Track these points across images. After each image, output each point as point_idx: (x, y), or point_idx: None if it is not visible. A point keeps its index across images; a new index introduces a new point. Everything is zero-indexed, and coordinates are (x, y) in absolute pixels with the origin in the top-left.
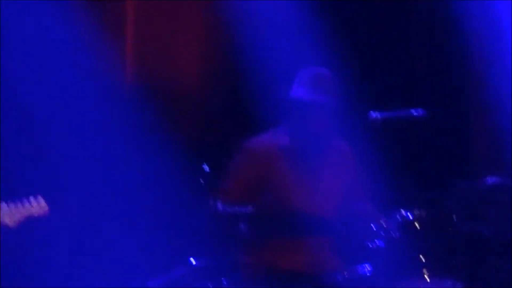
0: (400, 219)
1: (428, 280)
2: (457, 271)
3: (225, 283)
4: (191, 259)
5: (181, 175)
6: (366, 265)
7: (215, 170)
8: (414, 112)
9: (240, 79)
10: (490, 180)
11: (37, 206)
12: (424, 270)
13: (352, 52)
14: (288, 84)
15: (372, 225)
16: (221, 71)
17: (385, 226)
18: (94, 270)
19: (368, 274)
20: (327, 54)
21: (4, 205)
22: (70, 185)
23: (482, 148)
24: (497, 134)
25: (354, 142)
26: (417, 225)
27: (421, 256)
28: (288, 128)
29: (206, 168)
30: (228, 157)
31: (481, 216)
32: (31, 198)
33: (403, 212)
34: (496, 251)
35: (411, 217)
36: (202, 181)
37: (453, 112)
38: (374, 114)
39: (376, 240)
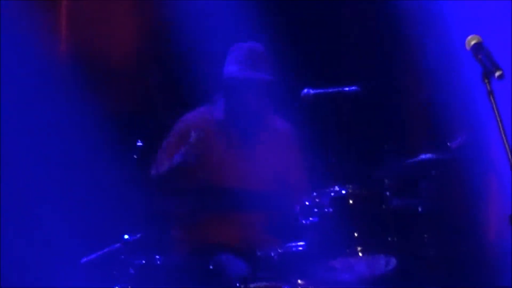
0: (333, 195)
1: (362, 256)
2: (390, 247)
3: (158, 258)
4: (125, 235)
5: (115, 151)
6: (300, 241)
7: (149, 145)
8: (346, 89)
9: (176, 53)
10: (423, 156)
11: None
12: (358, 246)
13: (287, 29)
14: (223, 59)
15: (305, 201)
16: (158, 45)
17: (318, 202)
18: (28, 248)
19: (301, 250)
20: (262, 30)
21: None
22: (1, 159)
23: (416, 124)
24: (431, 110)
25: (288, 118)
26: (350, 201)
27: (354, 232)
28: (222, 104)
29: (140, 143)
30: (162, 133)
31: (414, 192)
32: None
33: (336, 188)
34: (429, 227)
35: (344, 193)
36: (135, 156)
37: (387, 88)
38: (307, 90)
39: (309, 216)
